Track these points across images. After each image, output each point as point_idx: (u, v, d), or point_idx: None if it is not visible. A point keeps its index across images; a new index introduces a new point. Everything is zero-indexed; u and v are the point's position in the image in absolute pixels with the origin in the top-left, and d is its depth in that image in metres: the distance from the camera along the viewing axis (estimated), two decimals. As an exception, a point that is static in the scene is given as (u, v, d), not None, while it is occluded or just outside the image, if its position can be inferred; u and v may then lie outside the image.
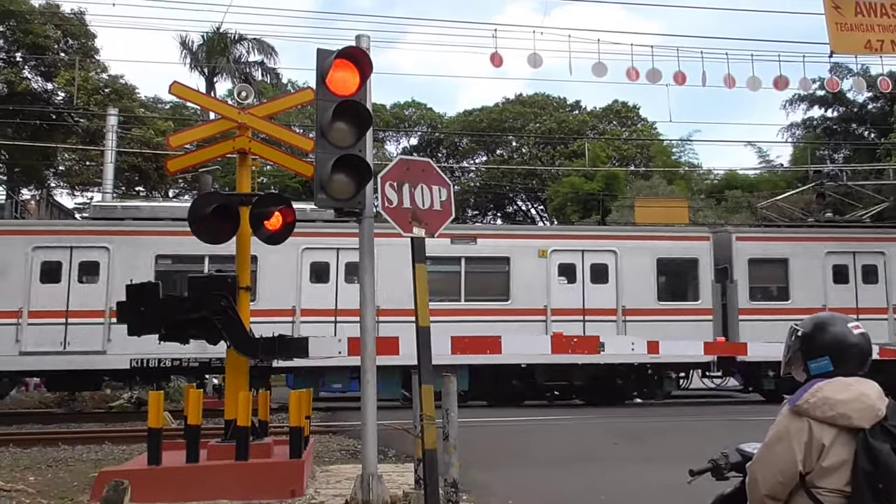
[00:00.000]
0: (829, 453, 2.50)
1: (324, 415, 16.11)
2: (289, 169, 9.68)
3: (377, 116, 26.20)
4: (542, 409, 17.74)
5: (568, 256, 18.04)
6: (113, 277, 15.88)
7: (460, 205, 41.17)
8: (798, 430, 2.56)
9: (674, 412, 16.45)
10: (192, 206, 8.18)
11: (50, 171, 35.41)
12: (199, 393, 7.96)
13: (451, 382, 6.94)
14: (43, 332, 15.79)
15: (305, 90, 9.57)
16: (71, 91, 28.76)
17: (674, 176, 39.52)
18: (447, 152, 47.94)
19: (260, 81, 36.09)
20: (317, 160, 6.61)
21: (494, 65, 15.60)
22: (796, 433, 2.56)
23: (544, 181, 42.02)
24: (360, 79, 6.68)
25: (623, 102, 45.87)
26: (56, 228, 17.87)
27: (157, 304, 7.70)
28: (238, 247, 8.30)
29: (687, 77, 16.50)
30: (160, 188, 37.44)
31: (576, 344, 12.01)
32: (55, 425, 14.91)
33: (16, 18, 30.02)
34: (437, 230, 6.91)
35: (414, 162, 7.18)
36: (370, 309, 6.87)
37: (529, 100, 46.36)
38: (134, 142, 31.00)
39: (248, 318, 8.08)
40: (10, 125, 29.54)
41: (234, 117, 8.47)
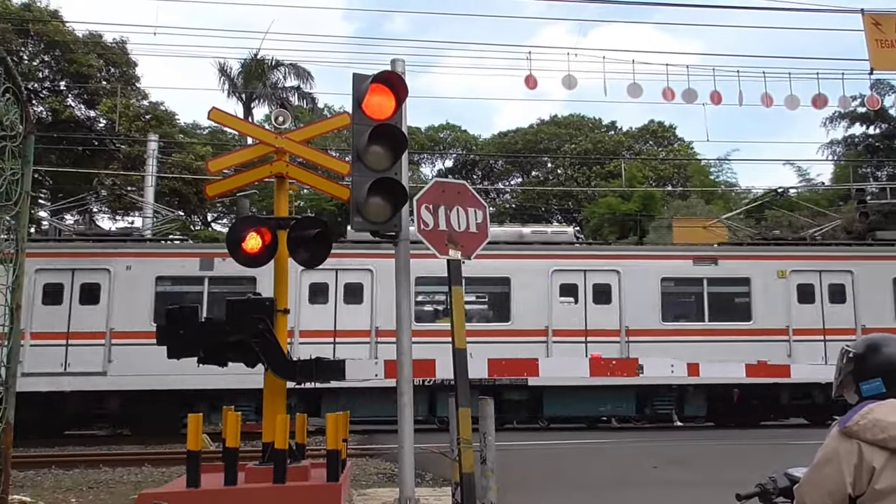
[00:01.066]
0: (882, 477, 2.44)
1: (360, 437, 16.11)
2: (325, 192, 9.77)
3: (412, 139, 26.36)
4: (581, 431, 17.55)
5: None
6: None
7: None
8: (848, 452, 2.50)
9: (715, 435, 16.15)
10: (231, 230, 8.29)
11: (92, 196, 36.15)
12: (238, 416, 8.01)
13: (488, 405, 6.91)
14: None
15: (342, 115, 9.69)
16: (113, 118, 29.46)
17: (712, 195, 39.11)
18: (482, 174, 48.04)
19: (297, 106, 36.59)
20: (353, 183, 6.66)
21: (529, 87, 15.67)
22: (846, 455, 2.50)
23: (580, 202, 41.87)
24: (396, 103, 6.74)
25: (659, 122, 45.64)
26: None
27: (196, 327, 7.79)
28: (276, 270, 8.37)
29: (723, 96, 16.39)
30: (199, 212, 38.03)
31: (615, 366, 11.87)
32: (96, 447, 15.11)
33: (60, 48, 30.90)
34: (473, 252, 6.92)
35: (449, 184, 7.20)
36: (407, 331, 6.87)
37: (564, 121, 46.36)
38: (174, 166, 31.59)
39: (286, 340, 8.14)
40: (54, 152, 30.30)
41: (271, 142, 8.59)
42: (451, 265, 6.80)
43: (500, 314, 17.80)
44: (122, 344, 16.12)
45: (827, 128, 37.63)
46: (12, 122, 6.26)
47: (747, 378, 16.42)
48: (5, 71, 6.23)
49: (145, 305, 16.43)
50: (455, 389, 6.38)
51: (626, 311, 17.57)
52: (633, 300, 17.62)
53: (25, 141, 6.47)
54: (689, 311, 18.51)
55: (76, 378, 16.01)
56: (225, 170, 9.19)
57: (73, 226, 22.37)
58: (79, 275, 16.62)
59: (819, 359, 17.09)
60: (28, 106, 6.64)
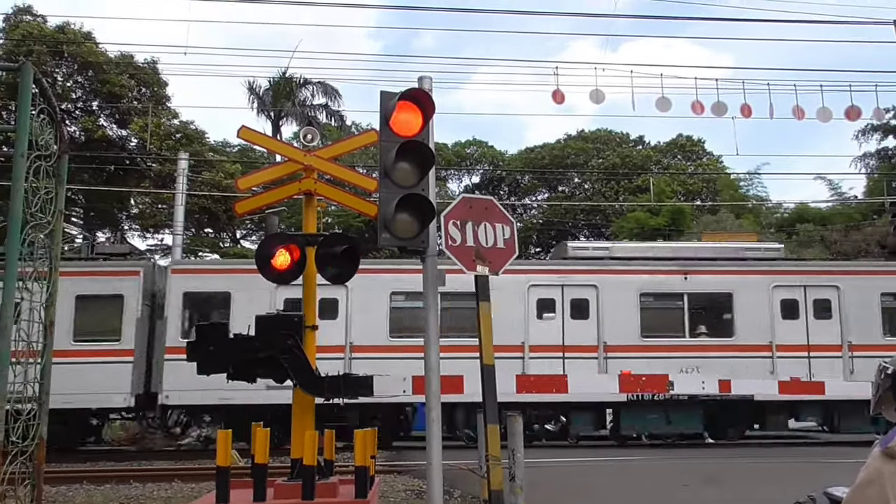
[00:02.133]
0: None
1: (388, 454, 16.09)
2: (353, 209, 9.83)
3: (439, 155, 26.46)
4: (609, 448, 17.38)
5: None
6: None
7: (523, 242, 41.06)
8: (891, 473, 2.43)
9: (745, 452, 15.91)
10: (260, 247, 8.36)
11: (123, 215, 36.73)
12: (266, 432, 8.03)
13: (517, 422, 6.87)
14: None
15: (369, 132, 9.73)
16: (144, 137, 29.91)
17: (742, 210, 38.71)
18: (509, 189, 48.03)
19: (324, 124, 36.92)
20: (381, 200, 6.69)
21: (556, 102, 15.69)
22: (889, 477, 2.43)
23: (608, 217, 41.67)
24: (423, 119, 6.77)
25: (688, 136, 45.35)
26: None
27: (226, 344, 7.84)
28: (304, 286, 8.42)
29: (753, 110, 16.26)
30: (229, 229, 38.41)
31: (644, 382, 11.78)
32: (127, 463, 15.25)
33: (94, 69, 31.51)
34: (501, 268, 6.91)
35: (476, 200, 7.21)
36: (434, 347, 6.86)
37: (592, 135, 46.24)
38: (204, 184, 31.96)
39: (314, 356, 8.16)
40: (86, 171, 30.82)
41: (300, 159, 8.66)
42: (478, 281, 6.80)
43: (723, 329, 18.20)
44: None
45: (860, 140, 37.20)
46: (47, 141, 6.39)
47: (780, 395, 16.40)
48: (40, 92, 6.36)
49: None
50: (483, 406, 6.36)
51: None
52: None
53: (59, 160, 6.59)
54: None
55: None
56: (254, 187, 9.27)
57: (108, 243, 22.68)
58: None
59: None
60: (62, 126, 6.77)
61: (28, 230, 6.03)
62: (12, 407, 5.63)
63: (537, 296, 17.58)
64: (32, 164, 6.06)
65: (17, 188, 5.80)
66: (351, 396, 8.42)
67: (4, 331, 5.49)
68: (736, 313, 17.87)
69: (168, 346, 16.46)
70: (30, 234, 6.07)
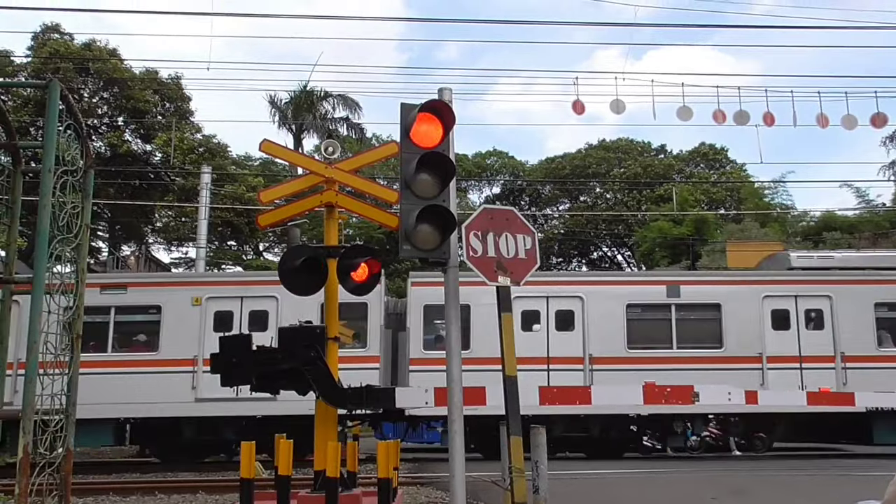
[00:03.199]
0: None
1: (411, 465, 16.08)
2: (374, 221, 9.87)
3: (459, 166, 26.51)
4: (633, 460, 17.24)
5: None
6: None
7: (545, 252, 40.99)
8: None
9: (773, 465, 15.71)
10: (282, 260, 8.42)
11: (148, 228, 37.14)
12: (289, 444, 8.07)
13: (541, 434, 6.84)
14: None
15: (390, 143, 9.79)
16: (168, 151, 30.28)
17: (767, 219, 38.37)
18: (530, 200, 47.99)
19: (345, 136, 37.15)
20: (402, 211, 6.72)
21: (576, 112, 15.68)
22: None
23: (630, 226, 41.50)
24: (443, 131, 6.79)
25: (710, 145, 45.13)
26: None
27: (249, 356, 7.90)
28: (326, 298, 8.46)
29: (776, 118, 16.15)
30: (251, 242, 38.69)
31: (669, 394, 11.65)
32: (152, 474, 15.36)
33: (119, 85, 31.98)
34: (523, 279, 6.91)
35: (497, 211, 7.22)
36: (456, 359, 6.87)
37: (613, 145, 46.14)
38: (226, 198, 32.28)
39: (337, 367, 8.20)
40: (112, 185, 31.24)
41: (321, 172, 8.72)
42: (500, 292, 6.80)
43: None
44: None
45: (887, 147, 36.73)
46: (73, 157, 6.49)
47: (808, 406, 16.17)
48: (67, 108, 6.46)
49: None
50: (506, 418, 6.34)
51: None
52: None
53: (86, 175, 6.69)
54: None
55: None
56: (276, 200, 9.35)
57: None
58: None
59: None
60: (88, 141, 6.87)
61: (55, 244, 6.12)
62: (40, 418, 5.70)
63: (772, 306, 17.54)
64: (59, 179, 6.16)
65: (45, 203, 5.89)
66: (373, 408, 8.44)
67: (33, 344, 5.57)
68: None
69: (411, 358, 16.83)
70: (57, 249, 6.16)
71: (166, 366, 16.54)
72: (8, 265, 6.64)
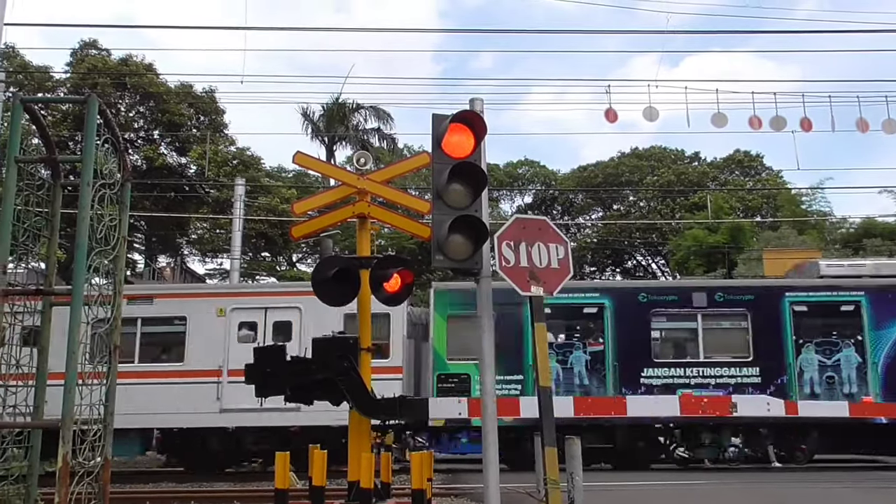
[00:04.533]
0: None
1: (445, 476, 16.03)
2: (406, 231, 9.91)
3: (491, 176, 26.50)
4: (671, 472, 17.01)
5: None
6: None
7: (577, 262, 40.78)
8: None
9: (814, 477, 15.40)
10: (316, 271, 8.48)
11: (183, 240, 37.64)
12: (324, 454, 8.10)
13: (576, 445, 6.79)
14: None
15: (421, 154, 9.83)
16: (202, 164, 30.69)
17: (804, 226, 37.77)
18: (562, 209, 47.82)
19: (377, 147, 37.37)
20: (434, 222, 6.74)
21: (609, 120, 15.62)
22: None
23: (665, 235, 41.13)
24: (475, 141, 6.81)
25: (745, 151, 44.58)
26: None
27: (283, 366, 7.96)
28: (359, 308, 8.50)
29: (813, 123, 15.94)
30: (285, 253, 39.03)
31: (706, 404, 11.58)
32: (188, 484, 15.48)
33: (154, 99, 32.53)
34: (556, 288, 6.88)
35: (530, 220, 7.21)
36: (490, 370, 6.85)
37: (646, 153, 45.81)
38: (260, 209, 32.61)
39: (370, 378, 8.22)
40: (148, 197, 31.74)
41: (353, 183, 8.78)
42: (533, 302, 6.78)
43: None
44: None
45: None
46: (111, 170, 6.60)
47: (851, 416, 15.87)
48: (105, 122, 6.59)
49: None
50: (541, 428, 6.31)
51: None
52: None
53: (123, 188, 6.80)
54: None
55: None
56: (309, 211, 9.43)
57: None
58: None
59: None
60: (125, 155, 6.99)
61: (93, 256, 6.23)
62: (79, 428, 5.79)
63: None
64: (97, 192, 6.27)
65: (84, 216, 6.00)
66: (407, 419, 8.45)
67: (73, 354, 5.66)
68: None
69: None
70: (95, 261, 6.26)
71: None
72: (48, 277, 6.77)
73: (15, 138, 6.36)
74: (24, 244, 6.49)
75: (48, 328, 6.51)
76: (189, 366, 16.90)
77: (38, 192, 6.67)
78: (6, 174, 6.29)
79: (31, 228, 6.57)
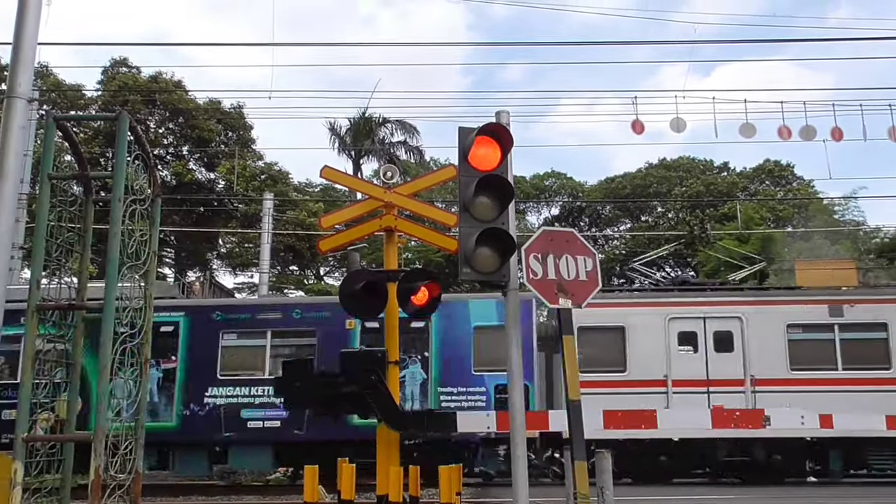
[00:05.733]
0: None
1: (474, 490, 15.94)
2: (433, 244, 9.92)
3: (518, 188, 26.44)
4: (696, 486, 16.75)
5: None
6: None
7: (606, 274, 40.50)
8: None
9: (855, 492, 15.10)
10: (343, 284, 8.51)
11: (212, 254, 38.01)
12: (352, 468, 8.11)
13: (606, 459, 6.73)
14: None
15: (448, 167, 9.84)
16: (231, 179, 31.03)
17: (838, 236, 37.23)
18: (590, 221, 47.60)
19: (403, 161, 37.51)
20: (461, 235, 6.74)
21: (636, 132, 15.57)
22: None
23: (694, 246, 40.75)
24: (502, 153, 6.81)
25: (776, 161, 44.11)
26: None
27: (311, 380, 7.99)
28: (387, 322, 8.51)
29: (844, 132, 15.75)
30: (313, 266, 39.25)
31: (738, 417, 11.40)
32: (218, 497, 15.58)
33: (184, 115, 32.99)
34: (584, 301, 6.84)
35: (557, 232, 7.19)
36: (518, 385, 6.81)
37: (674, 164, 45.50)
38: (288, 223, 32.85)
39: (398, 392, 8.22)
40: (177, 213, 32.13)
41: (380, 197, 8.82)
42: (561, 314, 6.74)
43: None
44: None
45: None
46: (141, 186, 6.71)
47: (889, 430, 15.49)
48: (135, 139, 6.71)
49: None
50: (570, 442, 6.26)
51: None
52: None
53: (153, 204, 6.91)
54: None
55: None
56: (336, 225, 9.48)
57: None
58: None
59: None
60: (155, 171, 7.10)
61: (124, 271, 6.32)
62: (110, 441, 5.86)
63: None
64: (128, 207, 6.38)
65: (115, 231, 6.10)
66: (435, 432, 8.44)
67: (104, 368, 5.74)
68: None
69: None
70: (126, 275, 6.35)
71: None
72: (80, 291, 6.87)
73: (48, 155, 6.49)
74: (56, 259, 6.61)
75: (80, 342, 6.61)
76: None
77: (70, 208, 6.79)
78: (40, 190, 6.41)
79: (63, 244, 6.68)
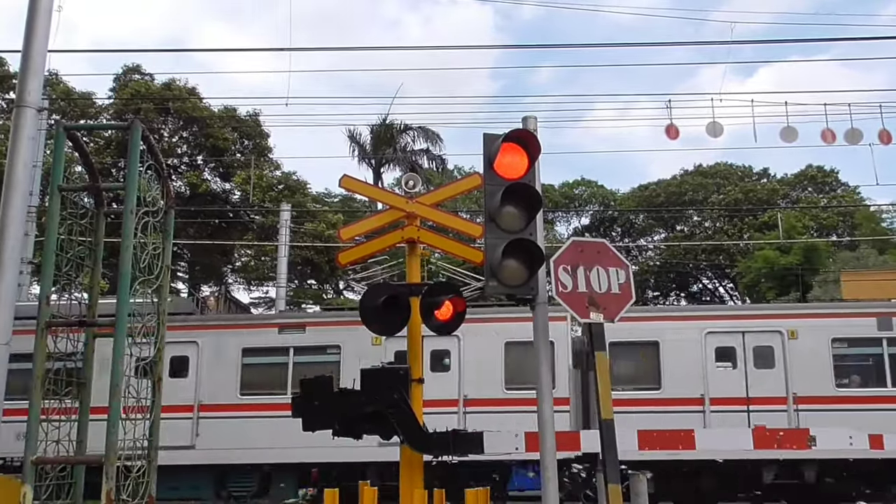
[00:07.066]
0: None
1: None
2: (458, 256, 9.87)
3: (546, 197, 26.35)
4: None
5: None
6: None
7: (640, 286, 40.24)
8: None
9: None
10: (363, 299, 8.49)
11: (228, 268, 38.20)
12: (374, 491, 8.07)
13: (642, 482, 6.65)
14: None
15: (473, 175, 9.80)
16: (247, 189, 31.21)
17: (885, 245, 36.70)
18: (622, 230, 47.34)
19: (426, 169, 37.54)
20: (486, 246, 6.70)
21: (670, 137, 15.46)
22: None
23: (732, 256, 40.37)
24: (529, 161, 6.78)
25: (818, 167, 43.65)
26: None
27: (330, 398, 7.95)
28: (409, 338, 8.47)
29: (893, 136, 15.53)
30: (332, 280, 39.31)
31: (782, 438, 11.17)
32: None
33: (198, 124, 33.28)
34: (617, 315, 6.78)
35: (588, 243, 7.14)
36: (548, 400, 6.76)
37: (711, 170, 45.13)
38: (306, 235, 32.92)
39: (422, 411, 8.18)
40: (191, 225, 32.35)
41: (402, 207, 8.79)
42: (592, 329, 6.69)
43: None
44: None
45: None
46: (154, 197, 6.76)
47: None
48: (148, 148, 6.75)
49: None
50: (603, 464, 6.19)
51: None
52: None
53: (166, 215, 6.95)
54: None
55: None
56: (357, 237, 9.47)
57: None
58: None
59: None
60: (168, 181, 7.15)
61: (136, 286, 6.35)
62: (122, 464, 5.87)
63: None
64: (141, 220, 6.41)
65: (127, 245, 6.13)
66: (460, 453, 8.37)
67: (116, 388, 5.76)
68: None
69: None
70: (138, 291, 6.39)
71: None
72: (91, 308, 6.91)
73: (58, 167, 6.55)
74: (66, 274, 6.65)
75: (91, 360, 6.64)
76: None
77: (80, 221, 6.84)
78: (49, 203, 6.47)
79: (74, 258, 6.73)
